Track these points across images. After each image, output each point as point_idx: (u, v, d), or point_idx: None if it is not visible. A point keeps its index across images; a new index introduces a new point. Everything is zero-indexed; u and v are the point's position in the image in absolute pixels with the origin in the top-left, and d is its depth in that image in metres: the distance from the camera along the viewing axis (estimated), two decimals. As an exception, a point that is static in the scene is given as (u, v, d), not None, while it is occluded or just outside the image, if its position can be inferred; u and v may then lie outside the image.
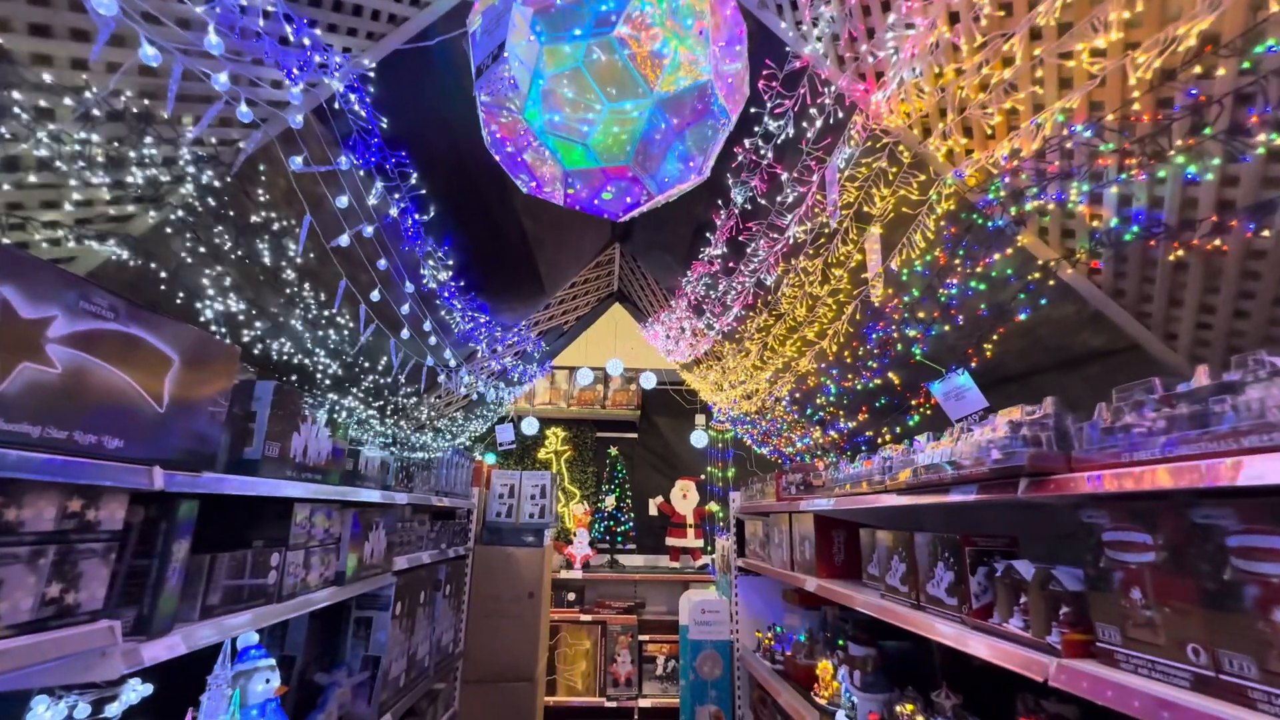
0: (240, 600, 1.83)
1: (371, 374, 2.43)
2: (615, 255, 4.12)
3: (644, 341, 5.64)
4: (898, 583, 2.27)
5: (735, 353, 3.18)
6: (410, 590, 3.34)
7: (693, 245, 2.71)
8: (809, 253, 2.10)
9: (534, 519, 5.11)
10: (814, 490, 3.29)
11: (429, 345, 2.58)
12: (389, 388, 2.61)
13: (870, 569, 2.78)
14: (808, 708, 3.12)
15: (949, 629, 1.82)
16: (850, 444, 2.87)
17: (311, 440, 2.23)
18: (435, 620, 3.84)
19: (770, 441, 3.89)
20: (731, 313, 2.77)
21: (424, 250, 2.14)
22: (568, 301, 4.18)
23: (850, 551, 3.20)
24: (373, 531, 2.81)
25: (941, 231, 1.62)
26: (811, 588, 3.03)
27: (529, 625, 4.78)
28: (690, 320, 3.27)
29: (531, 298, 3.11)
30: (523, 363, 4.18)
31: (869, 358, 2.26)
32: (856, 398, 2.59)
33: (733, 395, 3.54)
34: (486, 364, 3.29)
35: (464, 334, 2.75)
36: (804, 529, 3.38)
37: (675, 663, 6.77)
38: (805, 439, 3.26)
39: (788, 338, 2.63)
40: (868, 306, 2.10)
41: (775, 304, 2.50)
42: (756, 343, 2.90)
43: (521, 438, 7.75)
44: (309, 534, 2.23)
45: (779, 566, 3.83)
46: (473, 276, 2.52)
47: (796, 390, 2.94)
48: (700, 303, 2.97)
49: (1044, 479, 1.44)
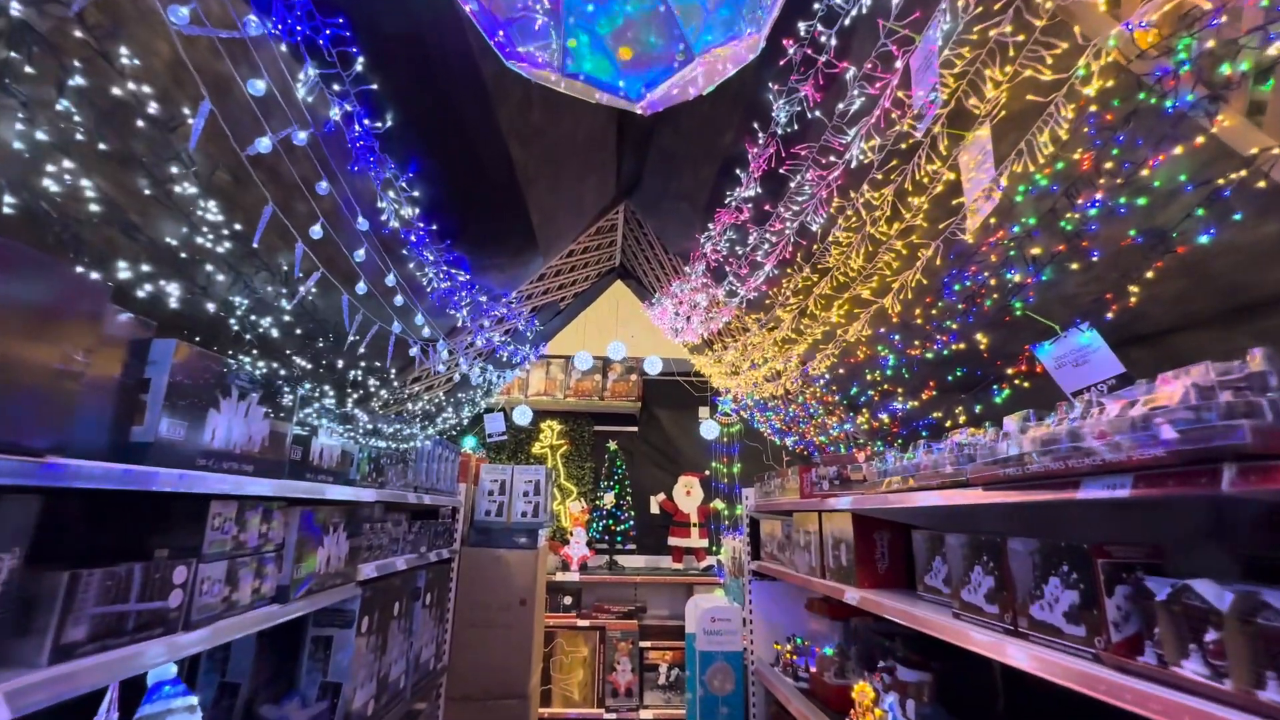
0: (123, 632, 1.35)
1: (323, 342, 1.96)
2: (619, 221, 3.65)
3: (648, 326, 5.17)
4: (981, 600, 1.81)
5: (761, 324, 2.71)
6: (381, 602, 2.86)
7: (716, 190, 2.25)
8: (876, 178, 1.64)
9: (527, 518, 4.64)
10: (851, 485, 2.83)
11: (395, 307, 2.10)
12: (345, 359, 2.13)
13: (929, 579, 2.32)
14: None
15: (1076, 667, 1.36)
16: (906, 430, 2.41)
17: (238, 421, 1.75)
18: (413, 634, 3.37)
19: (797, 430, 3.42)
20: (762, 272, 2.30)
21: (380, 176, 1.67)
22: (564, 273, 3.70)
23: (897, 557, 2.74)
24: (330, 535, 2.33)
25: (1082, 125, 1.16)
26: (852, 600, 2.57)
27: (521, 636, 4.31)
28: (708, 289, 2.80)
29: (521, 255, 2.63)
30: (514, 342, 3.69)
31: (947, 316, 1.80)
32: (922, 370, 2.13)
33: (754, 377, 3.08)
34: (470, 338, 2.81)
35: (439, 296, 2.27)
36: (838, 530, 2.92)
37: (679, 671, 6.34)
38: (844, 425, 2.80)
39: (833, 299, 2.17)
40: (953, 247, 1.64)
41: (821, 255, 2.04)
42: (791, 309, 2.43)
43: (514, 429, 7.29)
44: (236, 540, 1.75)
45: (804, 572, 3.37)
46: (447, 219, 2.04)
47: (839, 365, 2.48)
48: (722, 264, 2.51)
49: (1268, 464, 0.97)
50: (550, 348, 6.84)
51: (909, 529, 2.79)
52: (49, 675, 1.16)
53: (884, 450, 2.43)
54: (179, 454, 1.51)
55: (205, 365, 1.60)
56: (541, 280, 3.55)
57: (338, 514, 2.41)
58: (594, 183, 2.50)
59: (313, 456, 2.23)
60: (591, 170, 2.43)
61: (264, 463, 1.90)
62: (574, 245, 3.46)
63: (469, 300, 2.44)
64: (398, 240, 1.90)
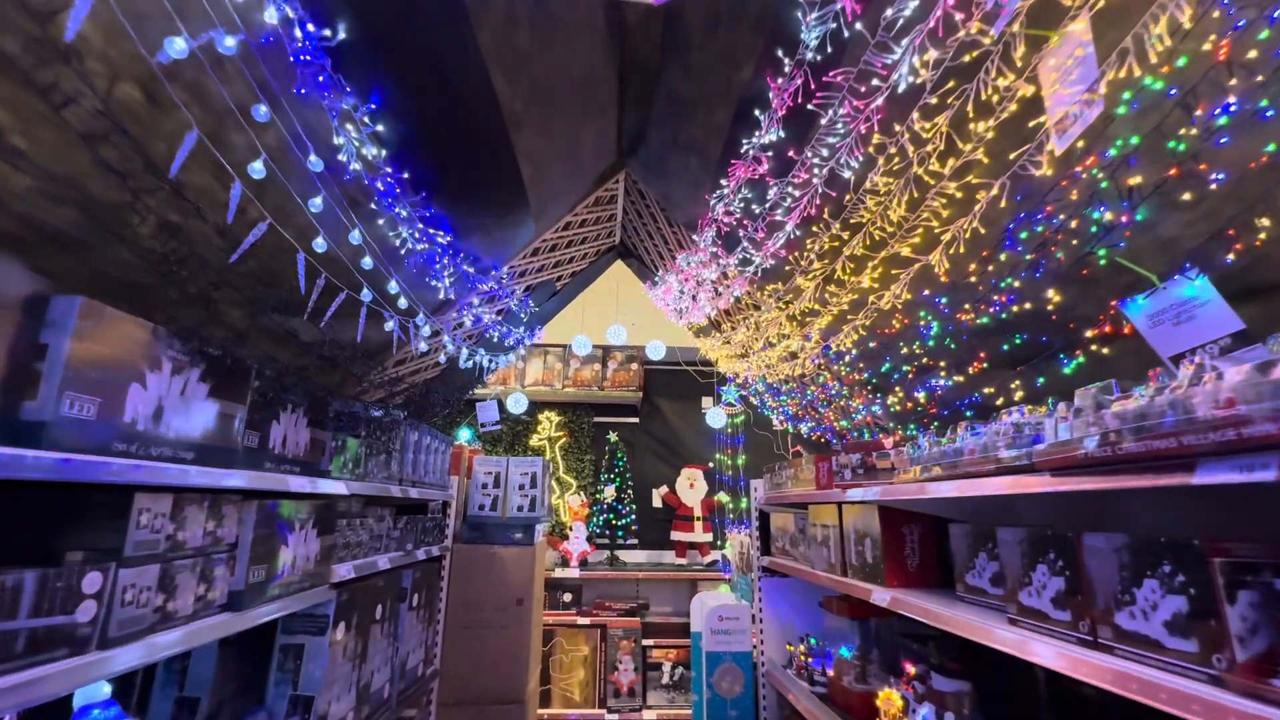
0: (9, 656, 1.09)
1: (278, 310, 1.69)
2: (619, 193, 3.37)
3: (649, 311, 4.90)
4: (1046, 605, 1.55)
5: (778, 297, 2.44)
6: (361, 605, 2.61)
7: (731, 140, 1.98)
8: (928, 104, 1.37)
9: (523, 513, 4.38)
10: (878, 474, 2.57)
11: (364, 272, 1.83)
12: (307, 332, 1.86)
13: (971, 579, 2.06)
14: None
15: (1188, 691, 1.10)
16: (948, 410, 2.15)
17: (172, 400, 1.48)
18: (399, 638, 3.12)
19: (814, 415, 3.16)
20: (782, 233, 2.03)
21: (335, 105, 1.40)
22: (560, 249, 3.43)
23: (928, 553, 2.48)
24: (297, 532, 2.07)
25: (1214, 4, 0.90)
26: (880, 600, 2.31)
27: (518, 637, 4.06)
28: (717, 260, 2.53)
29: (511, 216, 2.35)
30: (508, 323, 3.43)
31: (1008, 271, 1.53)
32: (971, 340, 1.86)
33: (768, 358, 2.82)
34: (455, 314, 2.55)
35: (417, 262, 2.01)
36: (862, 524, 2.67)
37: (683, 670, 6.12)
38: (870, 407, 2.54)
39: (866, 260, 1.90)
40: (1022, 185, 1.37)
41: (853, 209, 1.77)
42: (815, 276, 2.16)
43: (510, 419, 7.03)
44: (173, 540, 1.49)
45: (822, 570, 3.12)
46: (420, 167, 1.77)
47: (869, 338, 2.22)
48: (735, 229, 2.24)
49: None
50: (547, 335, 6.57)
51: (941, 523, 2.54)
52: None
53: (917, 435, 2.17)
54: (88, 436, 1.25)
55: (124, 331, 1.33)
56: (535, 256, 3.28)
57: (306, 509, 2.14)
58: (592, 134, 2.23)
59: (273, 444, 1.96)
60: (589, 117, 2.14)
61: (209, 450, 1.64)
62: (570, 217, 3.19)
63: (452, 270, 2.17)
64: (362, 189, 1.63)
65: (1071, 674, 1.39)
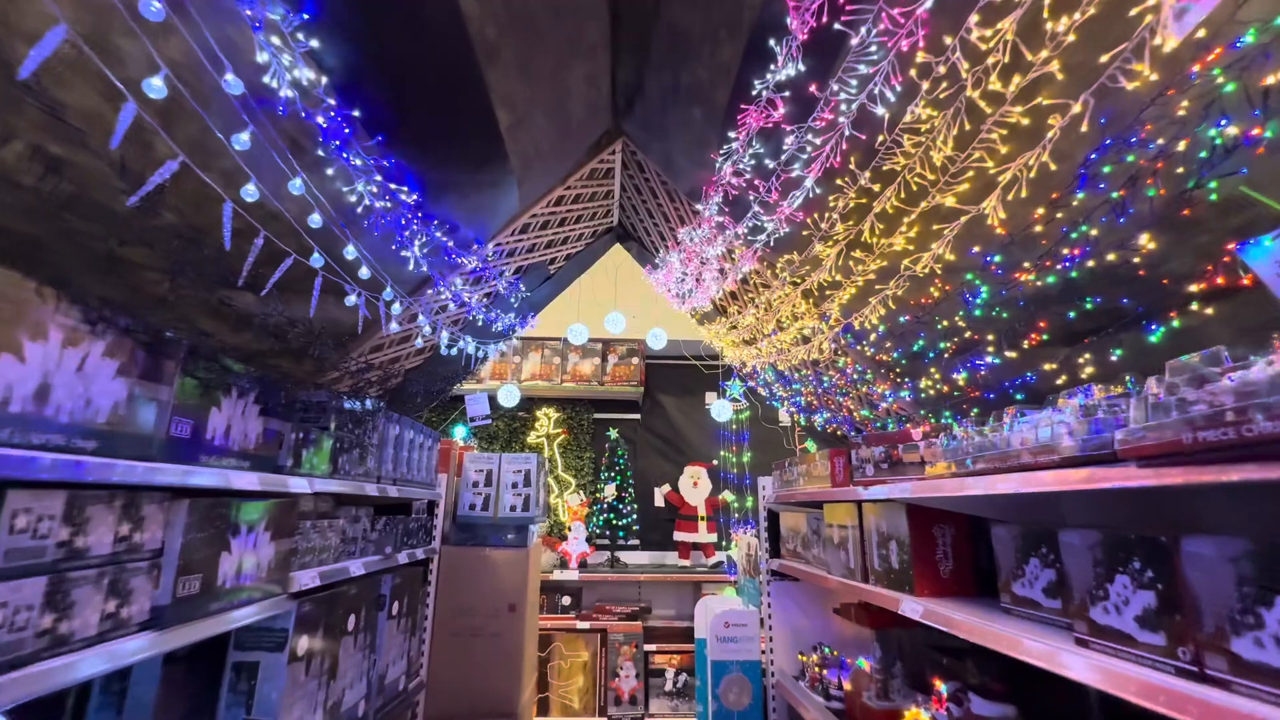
0: None
1: (199, 273, 1.42)
2: (616, 165, 3.11)
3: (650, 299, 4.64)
4: (1129, 625, 1.28)
5: (793, 269, 2.17)
6: (329, 615, 2.35)
7: (741, 81, 1.71)
8: (993, 1, 1.10)
9: (516, 513, 4.12)
10: (905, 469, 2.30)
11: (311, 231, 1.56)
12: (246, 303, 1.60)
13: (1019, 588, 1.79)
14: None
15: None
16: (994, 393, 1.87)
17: (63, 377, 1.22)
18: (376, 650, 2.86)
19: (830, 404, 2.89)
20: (801, 190, 1.75)
21: (260, 12, 1.13)
22: (553, 227, 3.16)
23: (963, 558, 2.21)
24: (244, 536, 1.81)
25: None
26: (911, 612, 2.04)
27: (510, 646, 3.80)
28: (725, 230, 2.26)
29: (488, 172, 2.07)
30: (497, 308, 3.16)
31: (1084, 217, 1.26)
32: (1029, 306, 1.58)
33: (780, 341, 2.55)
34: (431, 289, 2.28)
35: (380, 225, 1.74)
36: (886, 524, 2.40)
37: (687, 677, 5.87)
38: (900, 393, 2.26)
39: (902, 215, 1.63)
40: (1107, 104, 1.09)
41: (887, 153, 1.50)
42: (837, 240, 1.89)
43: (505, 415, 6.77)
44: (67, 546, 1.23)
45: (839, 575, 2.85)
46: (373, 102, 1.50)
47: (901, 310, 1.94)
48: (745, 191, 1.97)
49: None
50: (544, 328, 6.32)
51: (977, 523, 2.27)
52: None
53: (952, 424, 1.90)
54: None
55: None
56: (525, 234, 3.01)
57: (258, 509, 1.88)
58: (581, 82, 1.95)
59: (213, 434, 1.70)
60: (577, 57, 1.86)
61: (120, 439, 1.37)
62: (563, 190, 2.92)
63: (425, 239, 1.91)
64: (302, 128, 1.37)
65: (1171, 713, 1.12)
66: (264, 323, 1.72)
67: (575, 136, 2.34)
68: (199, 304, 1.55)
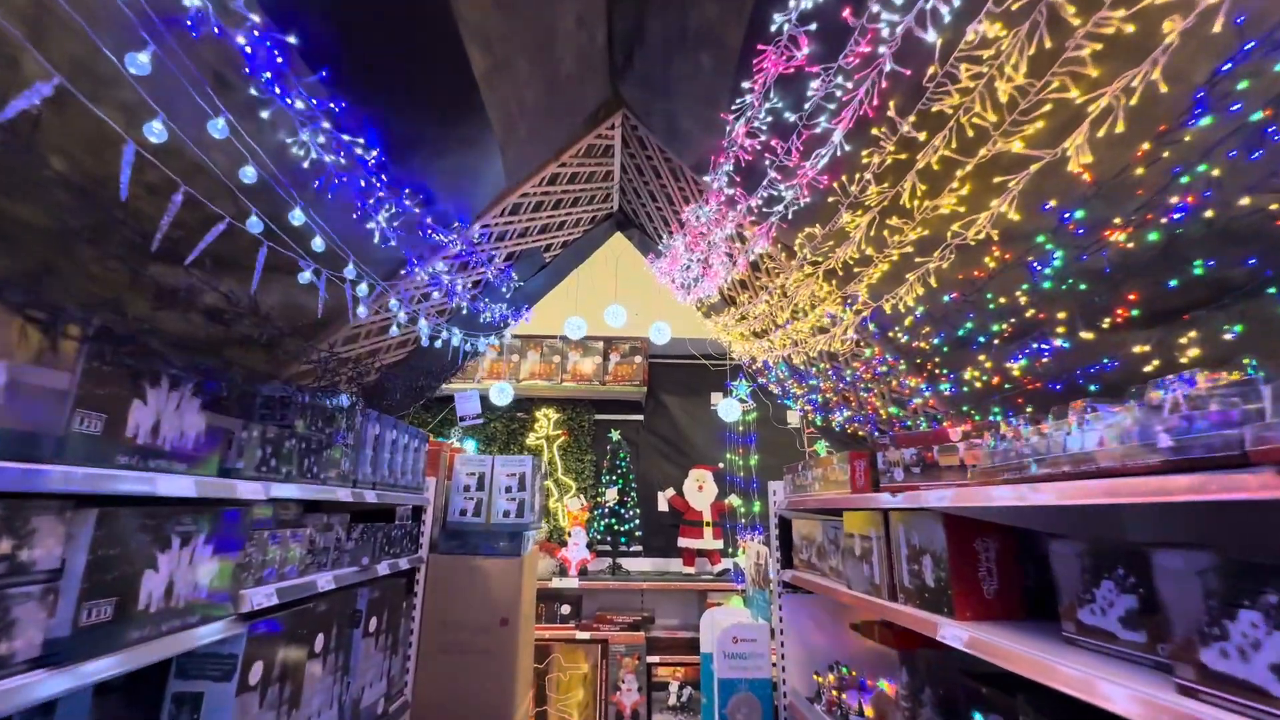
0: None
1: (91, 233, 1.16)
2: (616, 141, 2.85)
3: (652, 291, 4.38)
4: (1263, 674, 1.00)
5: (815, 245, 1.90)
6: (290, 637, 2.09)
7: (759, 17, 1.45)
8: None
9: (510, 519, 3.86)
10: (941, 473, 2.03)
11: (245, 187, 1.31)
12: (172, 276, 1.35)
13: (1088, 615, 1.52)
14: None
15: None
16: (1062, 383, 1.60)
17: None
18: (351, 671, 2.60)
19: (853, 401, 2.61)
20: (827, 148, 1.49)
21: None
22: (546, 209, 2.91)
23: (1009, 577, 1.94)
24: (174, 550, 1.56)
25: None
26: (954, 639, 1.76)
27: (502, 662, 3.54)
28: (736, 204, 1.99)
29: (464, 129, 1.80)
30: (486, 297, 2.90)
31: (1201, 153, 0.99)
32: (1116, 274, 1.30)
33: (797, 330, 2.28)
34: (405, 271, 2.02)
35: (332, 184, 1.49)
36: (918, 536, 2.13)
37: (691, 691, 5.59)
38: (939, 385, 1.98)
39: (952, 169, 1.36)
40: (1239, 10, 0.82)
41: (938, 89, 1.23)
42: (869, 207, 1.61)
43: (499, 414, 6.52)
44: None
45: (861, 590, 2.57)
46: (313, 28, 1.25)
47: (945, 288, 1.67)
48: (760, 155, 1.71)
49: None
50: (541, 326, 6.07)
51: (1023, 535, 1.99)
52: None
53: (1001, 421, 1.63)
54: None
55: None
56: (516, 216, 2.76)
57: (193, 517, 1.63)
58: (572, 18, 1.67)
59: (134, 431, 1.45)
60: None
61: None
62: (557, 167, 2.67)
63: (392, 208, 1.65)
64: (221, 54, 1.12)
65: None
66: (193, 300, 1.46)
67: (566, 95, 2.07)
68: (104, 278, 1.29)
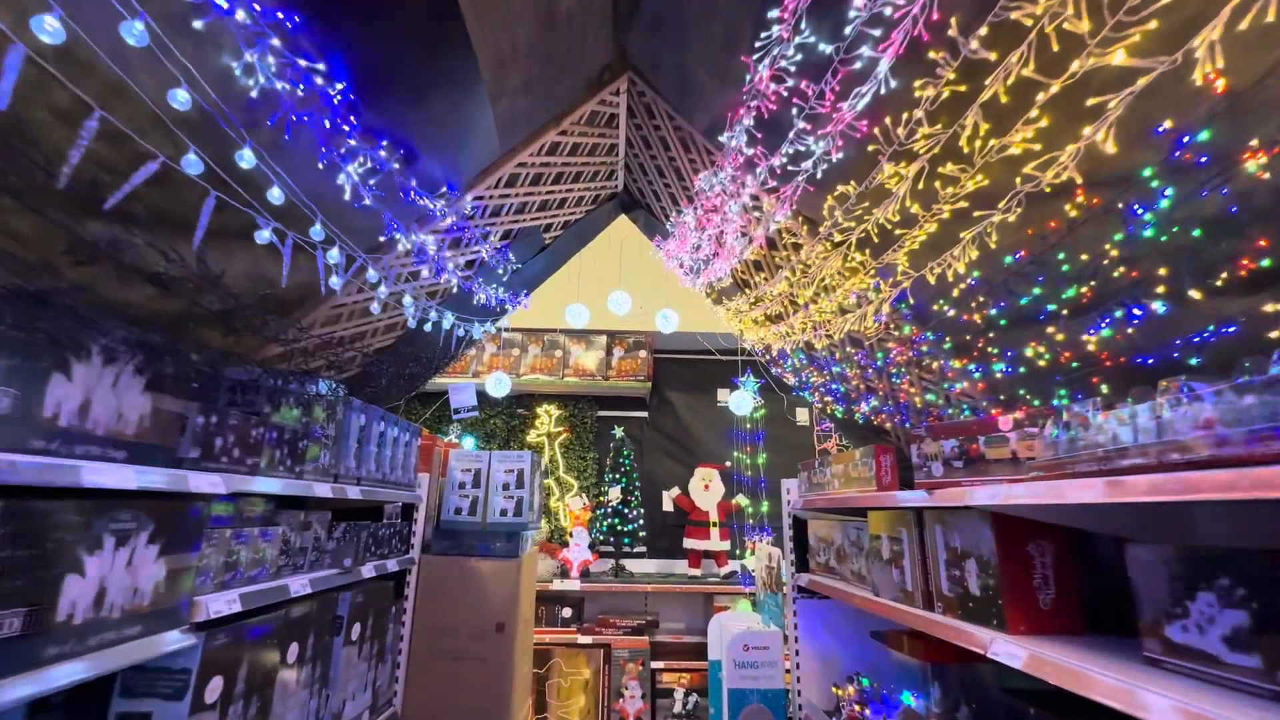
0: None
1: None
2: (620, 110, 2.63)
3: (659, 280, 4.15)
4: None
5: (848, 207, 1.66)
6: (255, 648, 1.87)
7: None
8: None
9: (507, 517, 3.64)
10: (988, 467, 1.80)
11: (178, 118, 1.09)
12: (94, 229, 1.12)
13: (1178, 633, 1.29)
14: None
15: None
16: (1154, 357, 1.36)
17: None
18: (330, 683, 2.38)
19: (883, 388, 2.37)
20: (868, 86, 1.26)
21: None
22: (545, 182, 2.69)
23: (1067, 585, 1.70)
24: (107, 551, 1.34)
25: None
26: (1010, 658, 1.53)
27: (498, 670, 3.32)
28: (758, 166, 1.77)
29: (446, 62, 1.58)
30: (481, 278, 2.68)
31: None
32: (1244, 216, 1.07)
33: (822, 310, 2.05)
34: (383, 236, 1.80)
35: (288, 119, 1.27)
36: (960, 538, 1.90)
37: (698, 699, 5.37)
38: (991, 366, 1.74)
39: (1027, 98, 1.13)
40: None
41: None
42: (916, 155, 1.38)
43: (498, 408, 6.31)
44: None
45: (890, 598, 2.34)
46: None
47: (1008, 247, 1.43)
48: (787, 102, 1.48)
49: None
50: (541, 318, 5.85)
51: (1076, 537, 1.76)
52: None
53: (1065, 407, 1.40)
54: None
55: None
56: (513, 188, 2.54)
57: (133, 514, 1.41)
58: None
59: (55, 411, 1.23)
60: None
61: None
62: (557, 135, 2.45)
63: (366, 160, 1.44)
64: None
65: None
66: (119, 257, 1.23)
67: (565, 41, 1.84)
68: (15, 225, 1.08)
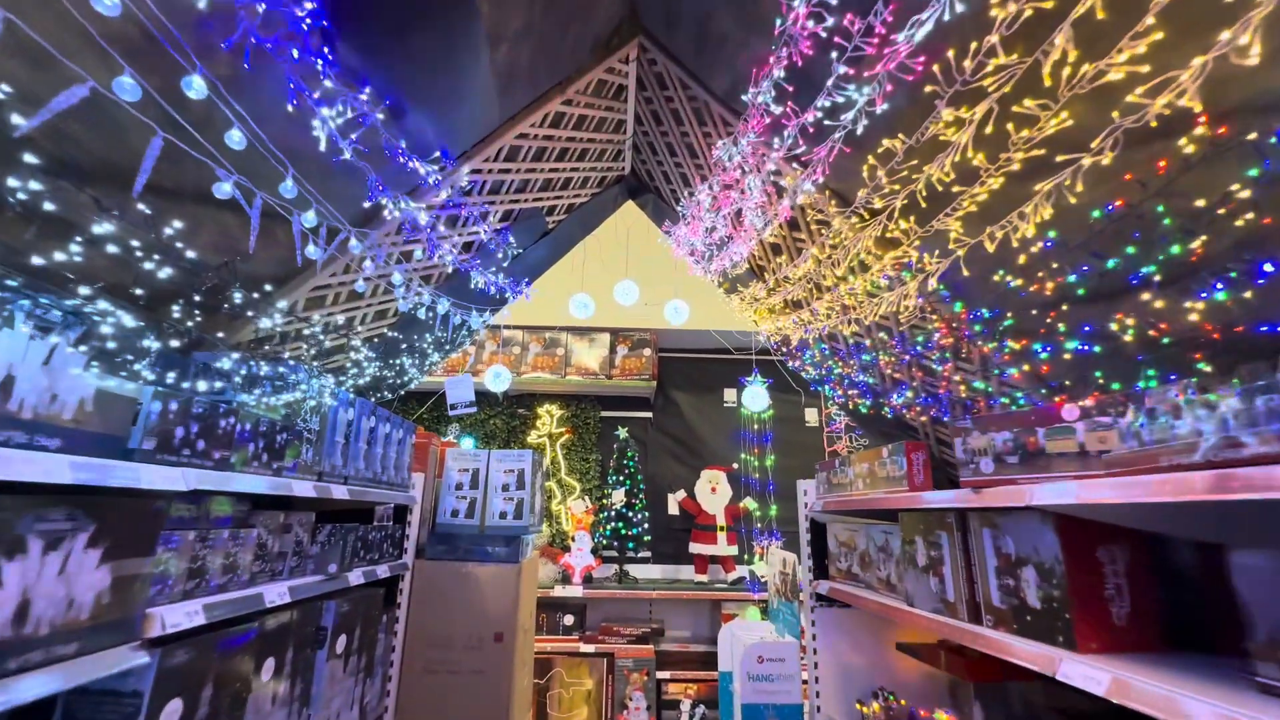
0: None
1: None
2: (629, 81, 2.44)
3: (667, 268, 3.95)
4: None
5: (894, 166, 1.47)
6: (222, 665, 1.67)
7: None
8: None
9: (506, 520, 3.44)
10: (1049, 463, 1.60)
11: (109, 32, 0.90)
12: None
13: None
14: None
15: None
16: (1277, 326, 1.16)
17: None
18: (311, 700, 2.17)
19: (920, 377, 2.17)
20: (933, 6, 1.07)
21: None
22: (548, 159, 2.50)
23: (1144, 597, 1.50)
24: (30, 558, 1.14)
25: None
26: (1090, 682, 1.33)
27: (496, 683, 3.11)
28: (786, 128, 1.58)
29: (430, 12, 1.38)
30: (479, 260, 2.49)
31: None
32: None
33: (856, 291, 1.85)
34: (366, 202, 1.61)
35: (246, 48, 1.08)
36: (1014, 543, 1.69)
37: (705, 711, 5.15)
38: (1064, 344, 1.53)
39: (1132, 10, 0.92)
40: None
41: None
42: (984, 94, 1.18)
43: (498, 408, 6.11)
44: None
45: (928, 608, 2.14)
46: None
47: (1100, 198, 1.23)
48: (827, 43, 1.29)
49: None
50: (544, 315, 5.66)
51: (1149, 543, 1.56)
52: None
53: (1149, 391, 1.20)
54: None
55: None
56: (514, 163, 2.35)
57: (68, 512, 1.21)
58: None
59: None
60: None
61: None
62: (561, 105, 2.26)
63: (345, 108, 1.25)
64: None
65: None
66: (32, 211, 1.03)
67: None
68: None
